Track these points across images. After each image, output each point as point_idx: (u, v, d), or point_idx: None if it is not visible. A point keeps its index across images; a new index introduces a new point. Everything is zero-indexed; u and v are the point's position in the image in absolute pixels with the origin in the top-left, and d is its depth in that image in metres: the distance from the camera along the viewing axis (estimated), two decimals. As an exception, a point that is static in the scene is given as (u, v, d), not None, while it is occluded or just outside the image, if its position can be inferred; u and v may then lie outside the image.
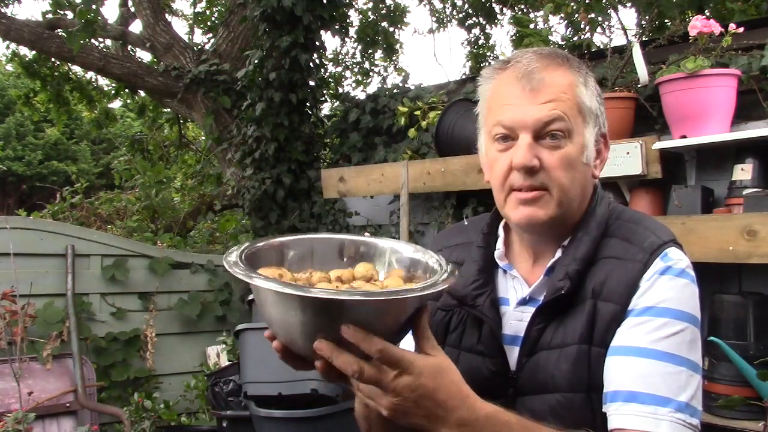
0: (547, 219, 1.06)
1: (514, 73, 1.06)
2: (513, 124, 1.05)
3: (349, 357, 0.86)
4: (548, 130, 1.04)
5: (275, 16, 4.09)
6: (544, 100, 1.04)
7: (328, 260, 1.08)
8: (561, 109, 1.04)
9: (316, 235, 1.13)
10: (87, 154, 17.10)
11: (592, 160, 1.09)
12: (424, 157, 3.58)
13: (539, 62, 1.06)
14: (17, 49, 7.34)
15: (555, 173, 1.04)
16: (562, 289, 1.04)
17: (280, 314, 0.90)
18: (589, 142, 1.07)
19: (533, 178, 1.04)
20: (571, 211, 1.08)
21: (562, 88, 1.05)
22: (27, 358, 3.33)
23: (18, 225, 3.59)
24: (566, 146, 1.04)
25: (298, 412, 2.67)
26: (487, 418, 0.91)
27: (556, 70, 1.06)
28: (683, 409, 0.96)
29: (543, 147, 1.04)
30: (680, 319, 1.00)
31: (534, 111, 1.04)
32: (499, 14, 8.26)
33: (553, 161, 1.04)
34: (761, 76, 2.43)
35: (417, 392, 0.87)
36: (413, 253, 1.08)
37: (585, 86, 1.08)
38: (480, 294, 1.12)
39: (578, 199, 1.08)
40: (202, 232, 6.15)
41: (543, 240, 1.12)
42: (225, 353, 3.93)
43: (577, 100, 1.06)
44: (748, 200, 2.24)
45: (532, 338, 1.06)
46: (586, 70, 1.10)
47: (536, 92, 1.04)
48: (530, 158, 1.03)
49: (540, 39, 3.67)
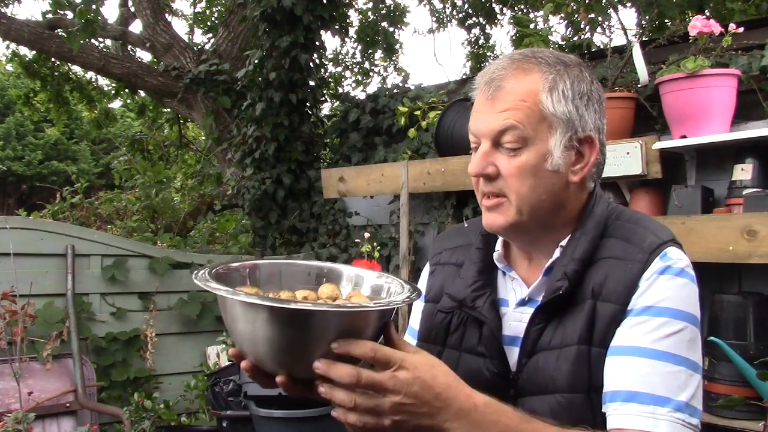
0: (507, 225, 1.07)
1: (483, 79, 1.08)
2: (476, 132, 1.08)
3: (344, 366, 0.87)
4: (503, 140, 1.05)
5: (275, 16, 4.09)
6: (500, 108, 1.04)
7: (296, 282, 1.12)
8: (516, 117, 1.03)
9: (284, 261, 1.17)
10: (87, 154, 17.11)
11: (563, 166, 1.06)
12: (424, 157, 3.58)
13: (505, 69, 1.06)
14: (17, 49, 7.35)
15: (511, 181, 1.05)
16: (561, 290, 1.04)
17: (252, 330, 0.90)
18: (555, 149, 1.05)
19: (492, 185, 1.07)
20: (540, 216, 1.07)
21: (520, 96, 1.04)
22: (27, 358, 3.33)
23: (18, 225, 3.59)
24: (523, 154, 1.04)
25: (298, 412, 2.67)
26: (485, 405, 0.93)
27: (520, 76, 1.05)
28: (682, 409, 0.96)
29: (501, 154, 1.05)
30: (679, 318, 1.00)
31: (491, 120, 1.05)
32: (499, 14, 8.27)
33: (510, 169, 1.05)
34: (761, 76, 2.43)
35: (415, 385, 0.89)
36: (377, 279, 1.11)
37: (552, 92, 1.04)
38: (480, 296, 1.12)
39: (547, 206, 1.07)
40: (202, 232, 6.15)
41: (529, 241, 1.12)
42: (225, 353, 3.93)
43: (539, 107, 1.04)
44: (748, 200, 2.24)
45: (531, 339, 1.06)
46: (564, 75, 1.06)
47: (494, 100, 1.05)
48: (481, 166, 1.06)
49: (540, 39, 3.67)
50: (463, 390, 0.92)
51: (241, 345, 0.94)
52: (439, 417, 0.91)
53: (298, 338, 0.88)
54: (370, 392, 0.88)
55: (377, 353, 0.88)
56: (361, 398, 0.88)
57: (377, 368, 0.89)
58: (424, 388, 0.89)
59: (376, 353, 0.88)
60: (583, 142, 1.07)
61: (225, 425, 3.23)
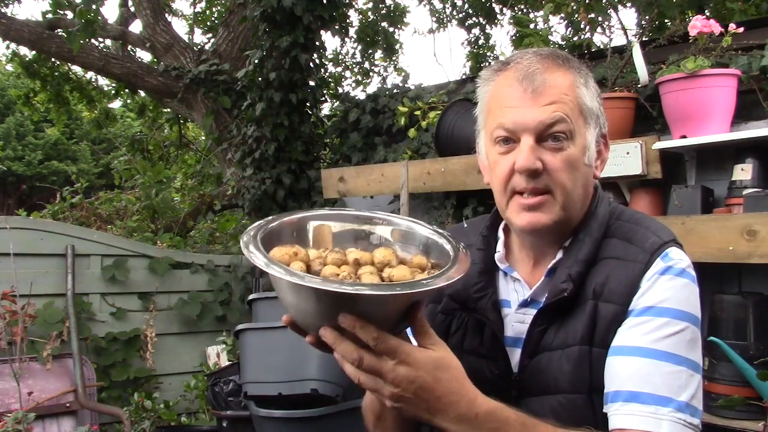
0: (551, 223, 1.05)
1: (515, 75, 1.05)
2: (515, 127, 1.04)
3: (349, 345, 0.88)
4: (550, 132, 1.03)
5: (275, 16, 4.09)
6: (546, 102, 1.03)
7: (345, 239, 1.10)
8: (563, 110, 1.03)
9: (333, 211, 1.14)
10: (87, 154, 17.10)
11: (593, 161, 1.08)
12: (424, 157, 3.58)
13: (540, 63, 1.05)
14: (17, 49, 7.35)
15: (558, 175, 1.03)
16: (565, 291, 1.03)
17: (291, 298, 0.94)
18: (591, 143, 1.07)
19: (536, 181, 1.03)
20: (574, 213, 1.08)
21: (564, 89, 1.04)
22: (27, 358, 3.33)
23: (18, 225, 3.59)
24: (569, 148, 1.04)
25: (298, 412, 2.67)
26: (487, 414, 0.92)
27: (557, 71, 1.05)
28: (684, 409, 0.96)
29: (545, 149, 1.03)
30: (680, 318, 1.00)
31: (536, 113, 1.03)
32: (499, 14, 8.27)
33: (556, 163, 1.03)
34: (761, 76, 2.43)
35: (415, 384, 0.88)
36: (430, 235, 1.08)
37: (586, 87, 1.07)
38: (481, 297, 1.11)
39: (580, 201, 1.08)
40: (202, 232, 6.14)
41: (544, 242, 1.11)
42: (225, 353, 3.93)
43: (579, 101, 1.05)
44: (748, 200, 2.24)
45: (534, 340, 1.06)
46: (586, 70, 1.10)
47: (538, 94, 1.03)
48: (533, 161, 1.02)
49: (540, 39, 3.68)
50: (466, 396, 0.91)
51: (286, 308, 0.97)
52: (437, 417, 0.91)
53: (312, 308, 0.91)
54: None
55: (379, 343, 0.87)
56: (364, 377, 0.89)
57: None
58: (425, 389, 0.89)
59: (377, 342, 0.87)
60: (603, 139, 1.11)
61: (225, 425, 3.22)
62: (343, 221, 1.12)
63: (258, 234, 1.00)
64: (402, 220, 1.12)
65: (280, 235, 1.04)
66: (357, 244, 1.09)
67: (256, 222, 1.06)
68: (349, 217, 1.12)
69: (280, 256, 0.96)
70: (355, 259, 0.98)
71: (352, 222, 1.12)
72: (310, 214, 1.11)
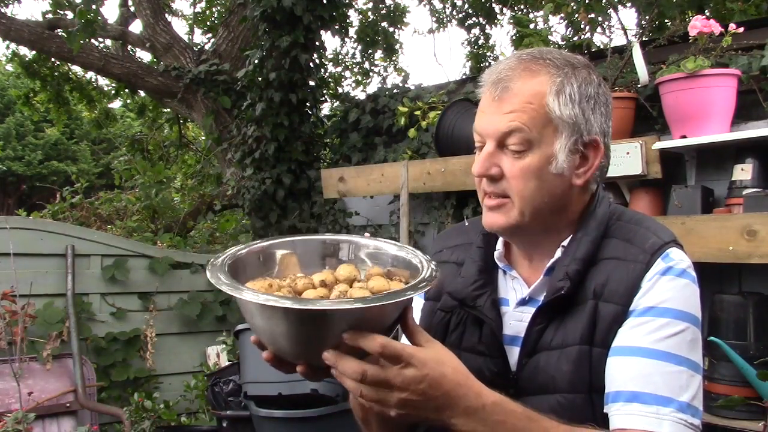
0: (508, 226, 1.07)
1: (490, 78, 1.07)
2: (481, 132, 1.07)
3: (351, 361, 0.89)
4: (507, 142, 1.04)
5: (275, 16, 4.09)
6: (506, 110, 1.03)
7: (313, 258, 1.11)
8: (521, 120, 1.02)
9: (298, 237, 1.15)
10: (87, 154, 17.10)
11: (567, 169, 1.05)
12: (424, 157, 3.58)
13: (514, 68, 1.05)
14: (17, 49, 7.35)
15: (514, 183, 1.04)
16: (562, 290, 1.04)
17: (270, 326, 0.92)
18: (560, 152, 1.04)
19: (495, 186, 1.06)
20: (541, 218, 1.07)
21: (527, 98, 1.03)
22: (27, 358, 3.33)
23: (18, 225, 3.59)
24: (527, 157, 1.03)
25: (298, 412, 2.67)
26: (494, 405, 0.93)
27: (527, 77, 1.04)
28: (685, 410, 0.96)
29: (506, 155, 1.05)
30: (681, 319, 1.00)
31: (496, 120, 1.04)
32: (499, 14, 8.27)
33: (514, 171, 1.04)
34: (761, 76, 2.43)
35: (423, 383, 0.89)
36: (397, 252, 1.11)
37: (559, 95, 1.03)
38: (480, 294, 1.12)
39: (549, 208, 1.06)
40: (202, 232, 6.14)
41: (529, 242, 1.12)
42: (225, 353, 3.93)
43: (545, 110, 1.03)
44: (748, 200, 2.24)
45: (532, 339, 1.06)
46: (572, 76, 1.05)
47: (501, 101, 1.04)
48: (485, 167, 1.05)
49: (540, 39, 3.67)
50: (472, 388, 0.92)
51: (260, 337, 0.96)
52: (445, 413, 0.92)
53: (312, 333, 0.90)
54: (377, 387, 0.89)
55: (386, 349, 0.88)
56: (367, 389, 0.89)
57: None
58: (432, 386, 0.90)
59: (384, 349, 0.88)
60: (588, 146, 1.07)
61: (225, 425, 3.22)
62: (309, 247, 1.13)
63: (225, 262, 1.00)
64: (368, 240, 1.14)
65: (245, 264, 1.05)
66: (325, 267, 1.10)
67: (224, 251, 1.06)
68: (316, 243, 1.14)
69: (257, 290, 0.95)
70: (321, 281, 0.99)
71: (318, 247, 1.13)
72: (276, 242, 1.12)
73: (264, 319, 0.92)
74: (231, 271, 0.98)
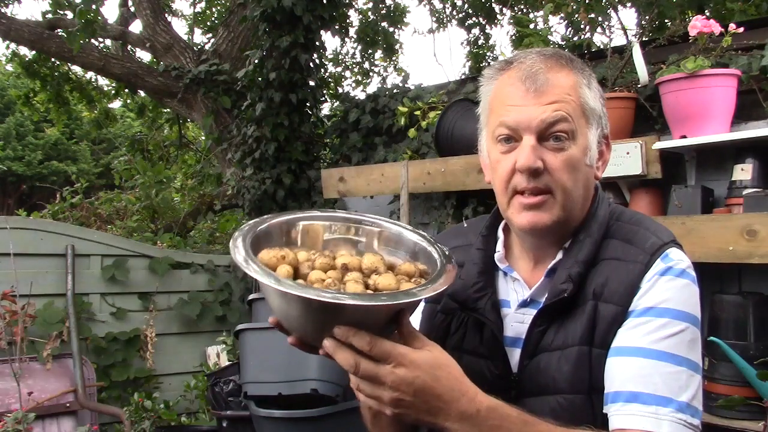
0: (552, 223, 1.05)
1: (518, 74, 1.05)
2: (517, 125, 1.04)
3: (346, 352, 0.89)
4: (552, 132, 1.03)
5: (275, 16, 4.09)
6: (548, 101, 1.03)
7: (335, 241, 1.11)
8: (565, 110, 1.03)
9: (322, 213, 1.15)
10: (87, 154, 17.10)
11: (594, 161, 1.08)
12: (424, 157, 3.58)
13: (543, 63, 1.05)
14: (17, 49, 7.34)
15: (559, 175, 1.03)
16: (565, 292, 1.03)
17: (274, 300, 0.95)
18: (593, 143, 1.07)
19: (537, 180, 1.03)
20: (574, 213, 1.08)
21: (566, 89, 1.04)
22: (27, 358, 3.33)
23: (18, 225, 3.59)
24: (570, 148, 1.03)
25: (298, 412, 2.67)
26: (489, 410, 0.92)
27: (560, 71, 1.05)
28: (684, 410, 0.96)
29: (547, 149, 1.03)
30: (680, 319, 1.00)
31: (538, 112, 1.02)
32: (499, 14, 8.27)
33: (557, 163, 1.03)
34: (761, 76, 2.43)
35: (414, 385, 0.88)
36: (417, 241, 1.10)
37: (589, 87, 1.07)
38: (481, 297, 1.11)
39: (581, 202, 1.08)
40: (202, 232, 6.14)
41: (545, 243, 1.11)
42: (225, 353, 3.93)
43: (581, 101, 1.05)
44: (748, 200, 2.24)
45: (533, 340, 1.06)
46: (589, 71, 1.10)
47: (540, 93, 1.03)
48: (534, 160, 1.02)
49: (540, 39, 3.68)
50: (467, 393, 0.92)
51: (277, 315, 0.98)
52: (439, 417, 0.91)
53: (310, 316, 0.91)
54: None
55: (374, 348, 0.88)
56: (363, 384, 0.90)
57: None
58: (425, 388, 0.89)
59: (372, 348, 0.88)
60: (605, 140, 1.10)
61: (225, 425, 3.22)
62: (332, 222, 1.13)
63: (248, 234, 1.01)
64: (391, 224, 1.13)
65: (270, 236, 1.05)
66: (345, 246, 1.10)
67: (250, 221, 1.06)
68: (339, 219, 1.13)
69: (268, 259, 0.97)
70: (343, 264, 0.99)
71: (341, 224, 1.13)
72: (299, 216, 1.12)
73: (262, 286, 0.95)
74: (254, 243, 0.99)
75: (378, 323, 0.92)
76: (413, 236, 1.11)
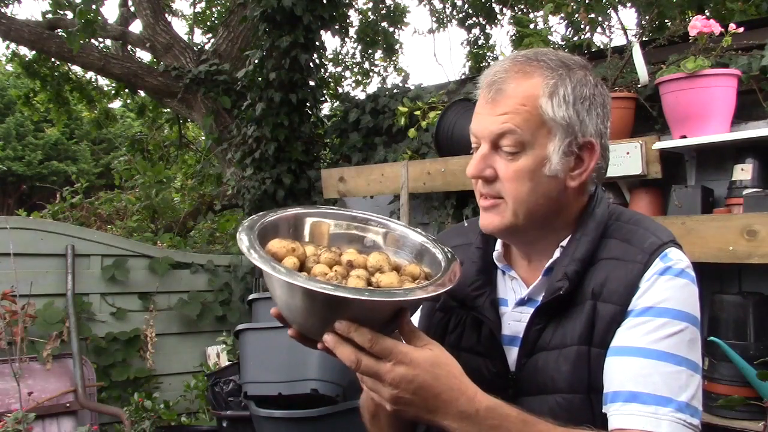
0: (503, 227, 1.07)
1: (486, 80, 1.07)
2: (476, 133, 1.07)
3: (347, 348, 0.90)
4: (501, 143, 1.04)
5: (275, 16, 4.09)
6: (499, 111, 1.03)
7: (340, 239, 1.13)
8: (514, 122, 1.02)
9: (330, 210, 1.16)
10: (87, 154, 17.09)
11: (561, 171, 1.04)
12: (424, 157, 3.58)
13: (508, 70, 1.04)
14: (17, 49, 7.34)
15: (508, 184, 1.04)
16: (561, 290, 1.03)
17: (277, 290, 0.96)
18: (553, 154, 1.03)
19: (490, 187, 1.06)
20: (536, 219, 1.06)
21: (520, 99, 1.02)
22: (27, 358, 3.33)
23: (18, 225, 3.59)
24: (521, 159, 1.03)
25: (298, 412, 2.67)
26: (488, 410, 0.92)
27: (522, 78, 1.03)
28: (684, 409, 0.96)
29: (500, 157, 1.05)
30: (680, 319, 1.00)
31: (489, 122, 1.04)
32: (499, 14, 8.27)
33: (508, 173, 1.04)
34: (761, 76, 2.43)
35: (414, 383, 0.89)
36: (422, 242, 1.12)
37: (552, 96, 1.03)
38: (479, 295, 1.12)
39: (544, 210, 1.06)
40: (202, 232, 6.15)
41: (527, 242, 1.12)
42: (225, 353, 3.93)
43: (538, 112, 1.02)
44: (748, 200, 2.24)
45: (531, 339, 1.06)
46: (566, 77, 1.05)
47: (494, 103, 1.04)
48: (479, 169, 1.05)
49: (540, 39, 3.68)
50: (466, 392, 0.92)
51: (279, 306, 0.99)
52: (438, 415, 0.92)
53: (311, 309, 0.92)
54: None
55: (375, 345, 0.89)
56: (366, 378, 0.92)
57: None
58: (424, 387, 0.90)
59: (373, 345, 0.89)
60: (583, 148, 1.06)
61: (225, 425, 3.23)
62: (340, 221, 1.14)
63: (256, 225, 1.02)
64: (397, 225, 1.15)
65: (277, 229, 1.06)
66: (351, 245, 1.11)
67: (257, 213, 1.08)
68: (346, 217, 1.15)
69: (278, 248, 0.98)
70: (348, 261, 1.00)
71: (348, 222, 1.14)
72: (307, 211, 1.13)
73: (266, 277, 0.96)
74: (260, 237, 1.00)
75: (380, 320, 0.92)
76: (419, 237, 1.12)
